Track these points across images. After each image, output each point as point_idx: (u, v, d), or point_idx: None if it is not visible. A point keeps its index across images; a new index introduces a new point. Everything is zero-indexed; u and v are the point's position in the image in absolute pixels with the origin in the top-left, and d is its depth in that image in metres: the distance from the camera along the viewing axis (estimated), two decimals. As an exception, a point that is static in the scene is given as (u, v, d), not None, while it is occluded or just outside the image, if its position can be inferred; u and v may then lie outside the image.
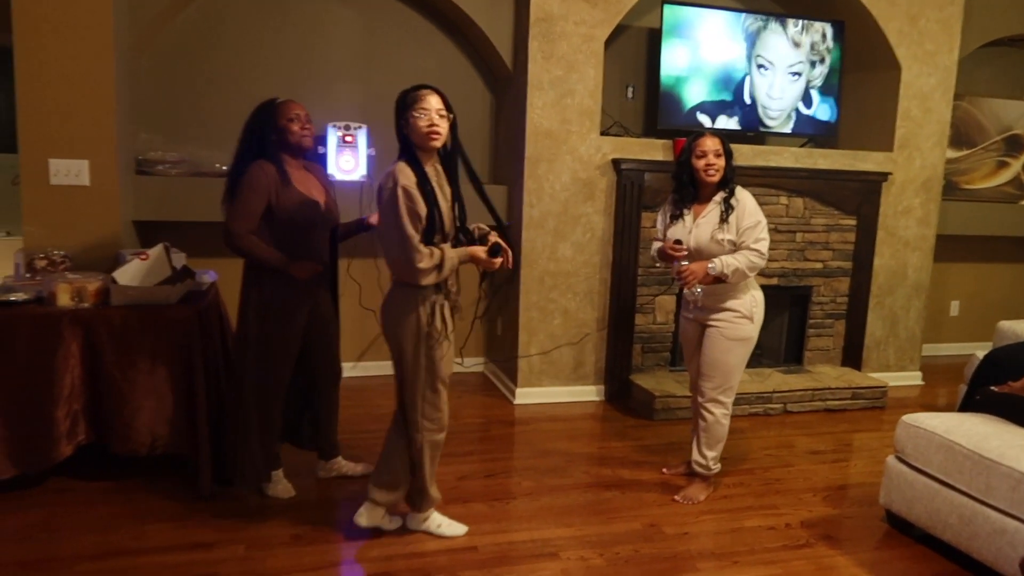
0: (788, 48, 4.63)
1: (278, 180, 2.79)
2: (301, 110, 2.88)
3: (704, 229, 3.09)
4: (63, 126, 3.39)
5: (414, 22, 4.51)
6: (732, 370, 3.13)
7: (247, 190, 2.76)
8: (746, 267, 3.01)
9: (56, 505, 2.91)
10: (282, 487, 3.07)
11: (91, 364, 2.95)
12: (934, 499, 2.79)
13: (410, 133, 2.56)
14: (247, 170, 2.78)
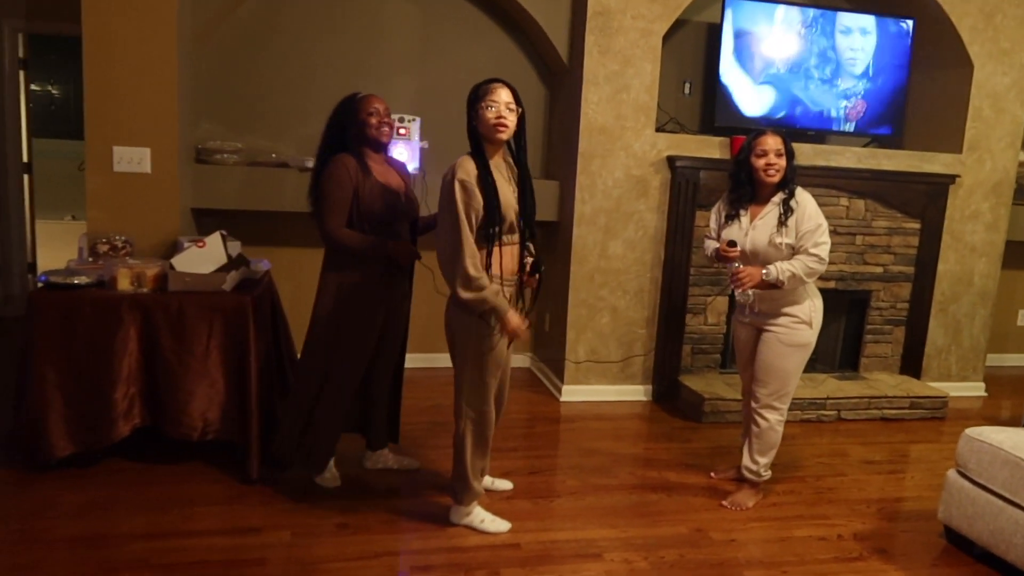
0: (852, 44, 4.48)
1: (360, 172, 2.81)
2: (380, 104, 2.89)
3: (761, 231, 2.99)
4: (127, 115, 3.47)
5: (471, 15, 4.50)
6: (789, 376, 3.05)
7: (332, 186, 2.79)
8: (804, 273, 2.91)
9: (111, 485, 2.99)
10: (330, 475, 3.09)
11: (148, 348, 3.02)
12: (997, 517, 2.67)
13: (479, 125, 2.56)
14: (328, 165, 2.81)
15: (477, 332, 2.60)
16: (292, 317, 3.93)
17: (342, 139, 2.87)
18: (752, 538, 2.89)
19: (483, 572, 2.55)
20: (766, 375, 3.06)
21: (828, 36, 4.45)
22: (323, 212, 2.81)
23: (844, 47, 4.48)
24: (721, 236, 3.10)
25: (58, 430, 2.96)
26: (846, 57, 4.48)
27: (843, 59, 4.48)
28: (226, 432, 3.08)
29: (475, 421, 2.70)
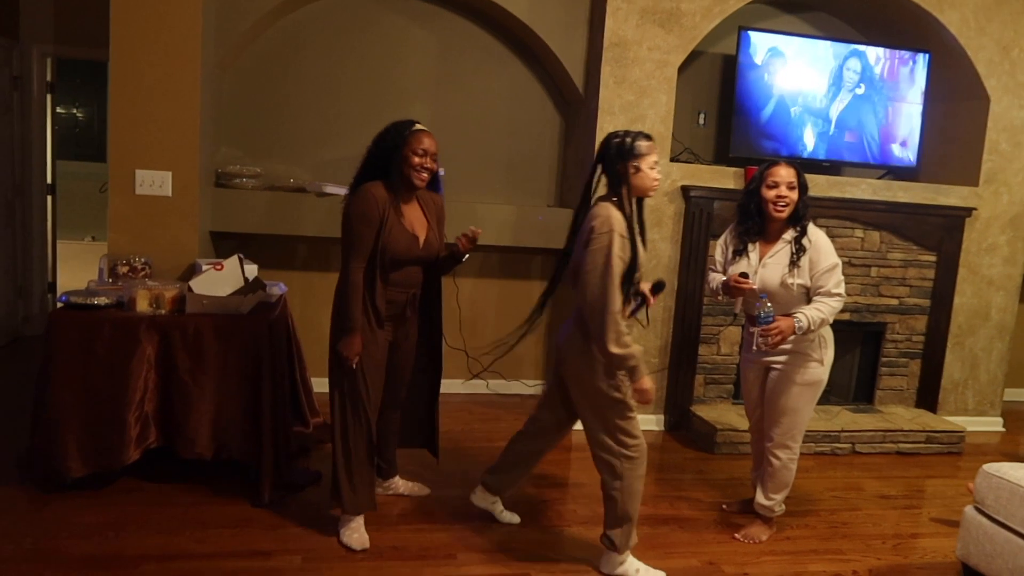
0: (866, 76, 4.51)
1: (388, 210, 2.70)
2: (430, 143, 2.73)
3: (773, 271, 2.92)
4: (150, 139, 3.54)
5: (488, 44, 4.56)
6: (801, 414, 2.99)
7: (360, 223, 2.67)
8: (830, 316, 2.87)
9: (125, 505, 3.00)
10: (358, 536, 2.82)
11: (164, 369, 3.04)
12: (1018, 556, 2.63)
13: (635, 179, 2.62)
14: (359, 196, 2.69)
15: (608, 382, 2.59)
16: (306, 341, 3.96)
17: (386, 167, 2.73)
18: (765, 572, 2.86)
19: (493, 601, 2.53)
20: (779, 414, 3.00)
21: (842, 68, 4.47)
22: (347, 247, 2.70)
23: (859, 79, 4.50)
24: (728, 271, 3.02)
25: (73, 452, 2.98)
26: (860, 89, 4.50)
27: (858, 92, 4.50)
28: (239, 453, 3.09)
29: (629, 459, 2.64)
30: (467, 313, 4.56)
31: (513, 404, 4.68)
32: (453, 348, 4.74)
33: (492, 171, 4.64)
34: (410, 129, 2.73)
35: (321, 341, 4.23)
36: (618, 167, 2.60)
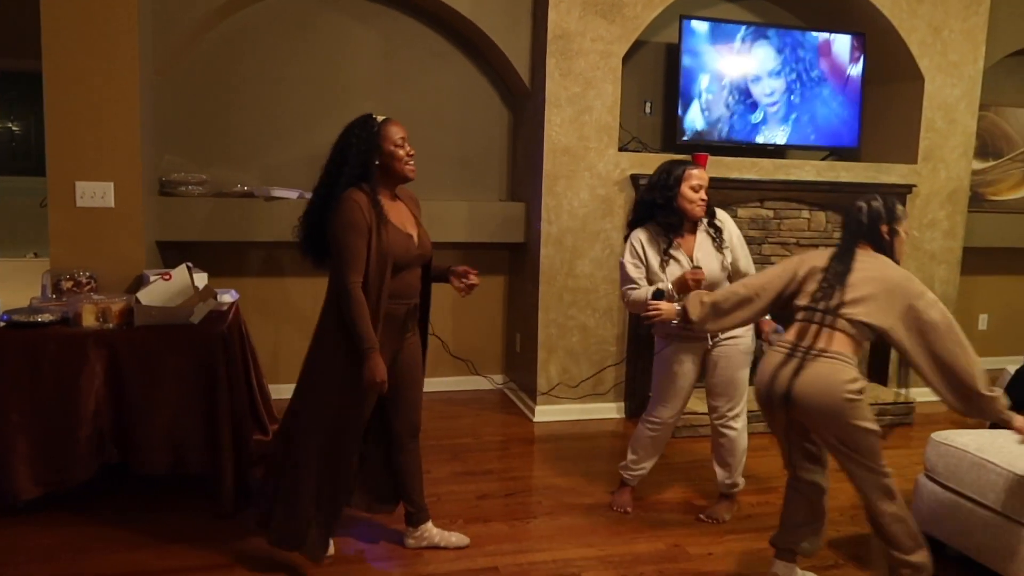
0: (805, 60, 4.60)
1: (375, 215, 2.46)
2: (404, 132, 2.55)
3: (709, 262, 2.99)
4: (89, 149, 3.44)
5: (432, 41, 4.55)
6: (745, 383, 3.11)
7: (350, 234, 2.42)
8: None
9: (80, 525, 2.93)
10: (456, 538, 2.81)
11: (115, 384, 2.97)
12: (967, 518, 2.73)
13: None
14: (341, 205, 2.44)
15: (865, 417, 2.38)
16: (261, 348, 3.91)
17: (363, 171, 2.49)
18: (729, 551, 2.91)
19: (462, 597, 2.54)
20: (730, 388, 3.08)
21: (782, 53, 4.56)
22: (341, 263, 2.45)
23: (799, 63, 4.59)
24: (667, 283, 2.94)
25: (23, 472, 2.89)
26: (800, 73, 4.59)
27: (798, 75, 4.59)
28: (197, 465, 3.04)
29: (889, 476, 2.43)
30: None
31: (472, 400, 4.68)
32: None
33: (443, 168, 4.63)
34: (378, 121, 2.53)
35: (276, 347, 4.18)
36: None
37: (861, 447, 2.35)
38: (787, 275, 2.53)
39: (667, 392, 3.10)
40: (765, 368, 2.46)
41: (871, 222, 2.50)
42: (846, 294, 2.39)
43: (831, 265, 2.45)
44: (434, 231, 4.39)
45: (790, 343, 2.43)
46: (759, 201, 4.48)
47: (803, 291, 2.49)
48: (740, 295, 2.57)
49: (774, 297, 2.54)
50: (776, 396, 2.39)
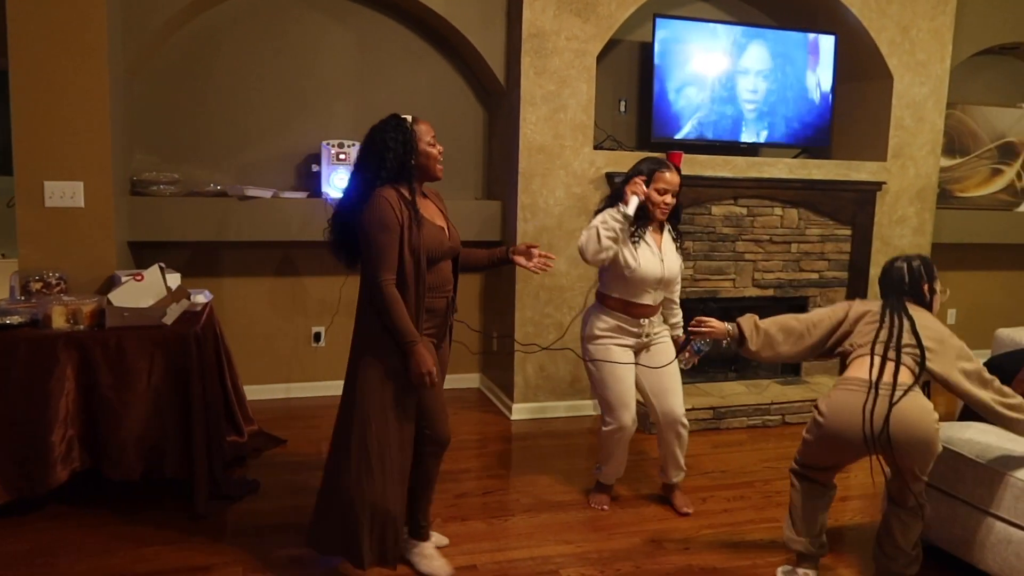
0: (777, 59, 4.65)
1: (409, 214, 2.45)
2: (433, 131, 2.58)
3: (672, 260, 3.08)
4: (58, 148, 3.39)
5: (407, 40, 4.53)
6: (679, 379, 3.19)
7: (382, 232, 2.40)
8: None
9: (53, 531, 2.89)
10: (439, 564, 2.67)
11: (86, 387, 2.93)
12: (938, 510, 2.77)
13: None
14: (374, 204, 2.42)
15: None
16: (236, 348, 3.87)
17: (400, 170, 2.47)
18: (706, 544, 2.94)
19: (440, 596, 2.54)
20: (675, 383, 3.14)
21: (755, 52, 4.60)
22: (373, 260, 2.41)
23: (771, 62, 4.64)
24: (637, 261, 2.97)
25: (-8, 477, 2.84)
26: (772, 71, 4.64)
27: (770, 74, 4.64)
28: (171, 470, 3.01)
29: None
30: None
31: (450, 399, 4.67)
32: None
33: (418, 167, 4.61)
34: (409, 121, 2.52)
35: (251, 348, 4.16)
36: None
37: (931, 467, 2.48)
38: (838, 316, 2.65)
39: (621, 395, 3.06)
40: (846, 407, 2.44)
41: (913, 282, 2.63)
42: (913, 336, 2.51)
43: (888, 312, 2.56)
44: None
45: (865, 380, 2.45)
46: (733, 199, 4.53)
47: (858, 331, 2.60)
48: (794, 329, 2.68)
49: (823, 335, 2.66)
50: (870, 433, 2.39)
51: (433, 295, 2.54)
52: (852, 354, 2.58)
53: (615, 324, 3.06)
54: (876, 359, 2.47)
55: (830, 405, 2.48)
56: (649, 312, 3.08)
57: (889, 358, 2.46)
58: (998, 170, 5.79)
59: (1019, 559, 2.48)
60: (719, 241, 4.56)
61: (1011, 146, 5.80)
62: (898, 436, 2.38)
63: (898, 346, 2.47)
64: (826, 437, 2.50)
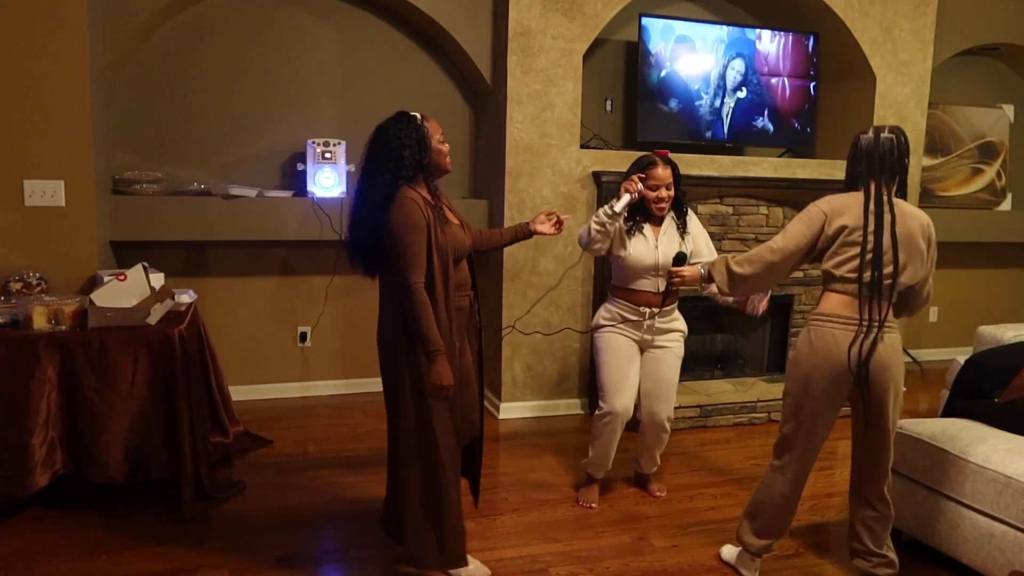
0: (762, 59, 4.68)
1: (433, 214, 2.43)
2: (441, 127, 2.57)
3: (669, 245, 3.08)
4: (38, 146, 3.34)
5: (393, 38, 4.51)
6: (676, 385, 3.24)
7: (412, 234, 2.36)
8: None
9: (35, 533, 2.85)
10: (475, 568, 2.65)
11: (68, 389, 2.89)
12: (921, 505, 2.80)
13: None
14: (399, 204, 2.37)
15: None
16: (220, 348, 3.84)
17: (416, 167, 2.45)
18: (694, 543, 2.95)
19: (429, 596, 2.53)
20: (668, 390, 3.19)
21: (740, 51, 4.62)
22: (403, 263, 2.36)
23: (755, 61, 4.66)
24: (628, 248, 3.06)
25: (-29, 482, 2.80)
26: (757, 71, 4.67)
27: (755, 73, 4.66)
28: (156, 471, 2.97)
29: None
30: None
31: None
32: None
33: (404, 166, 4.60)
34: (418, 118, 2.48)
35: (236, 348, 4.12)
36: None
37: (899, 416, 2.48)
38: (813, 233, 2.44)
39: (616, 382, 3.12)
40: (834, 345, 2.40)
41: (900, 155, 2.42)
42: (895, 261, 2.38)
43: (869, 225, 2.37)
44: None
45: (852, 318, 2.39)
46: (718, 198, 4.54)
47: (839, 255, 2.42)
48: (766, 260, 2.49)
49: (802, 257, 2.48)
50: (853, 372, 2.38)
51: (459, 294, 2.53)
52: (834, 283, 2.45)
53: (618, 313, 3.14)
54: (859, 294, 2.38)
55: (815, 341, 2.45)
56: (651, 301, 3.09)
57: (871, 295, 2.37)
58: (978, 169, 5.86)
59: (1002, 552, 2.51)
60: (705, 240, 4.58)
61: (991, 146, 5.86)
62: (876, 375, 2.39)
63: (879, 277, 2.36)
64: (809, 379, 2.45)
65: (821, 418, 2.51)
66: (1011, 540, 2.49)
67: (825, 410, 2.50)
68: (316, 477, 3.42)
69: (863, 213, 2.40)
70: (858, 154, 2.47)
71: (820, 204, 2.48)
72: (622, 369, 3.12)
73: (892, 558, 2.57)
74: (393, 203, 2.38)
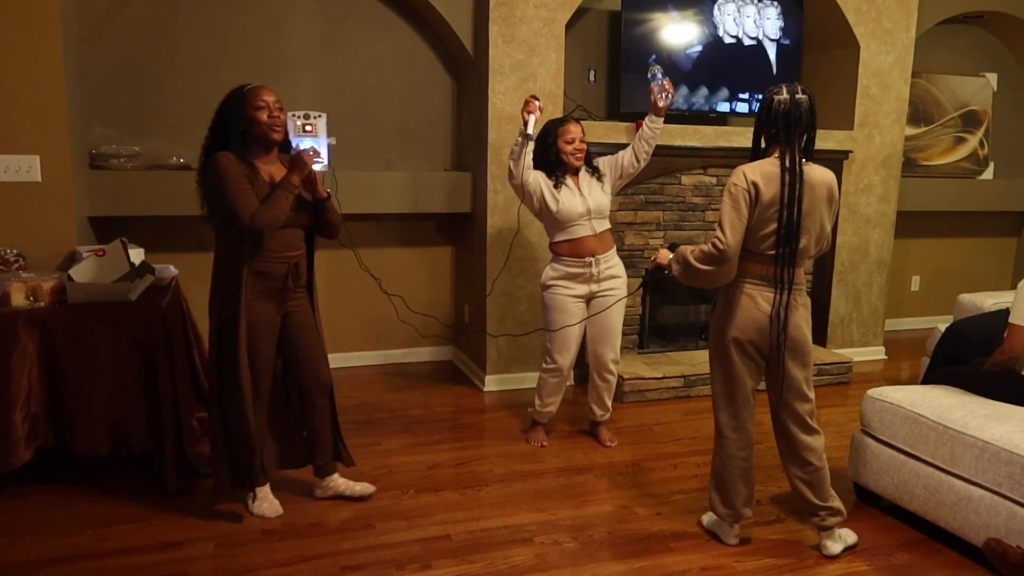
0: (745, 28, 4.64)
1: (247, 172, 2.61)
2: (270, 96, 2.66)
3: (596, 194, 3.39)
4: (12, 121, 3.29)
5: (373, 10, 4.44)
6: (620, 331, 3.53)
7: (228, 179, 2.55)
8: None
9: (18, 511, 2.84)
10: (268, 505, 2.85)
11: (49, 365, 2.88)
12: (900, 470, 2.84)
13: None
14: (213, 163, 2.59)
15: None
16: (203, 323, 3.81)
17: (225, 136, 2.64)
18: (676, 510, 2.98)
19: (415, 566, 2.55)
20: (614, 336, 3.49)
21: (723, 20, 4.59)
22: (234, 208, 2.55)
23: (739, 30, 4.63)
24: (560, 201, 3.33)
25: (-47, 459, 2.79)
26: (740, 40, 4.64)
27: (738, 41, 4.64)
28: (139, 445, 2.98)
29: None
30: (368, 282, 4.47)
31: (423, 371, 4.68)
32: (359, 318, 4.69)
33: (386, 139, 4.56)
34: (245, 89, 2.67)
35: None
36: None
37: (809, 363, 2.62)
38: (746, 218, 2.45)
39: (562, 338, 3.43)
40: (756, 309, 2.51)
41: (813, 117, 2.45)
42: (803, 230, 2.48)
43: (784, 199, 2.42)
44: (377, 202, 4.36)
45: (766, 279, 2.51)
46: (702, 168, 4.54)
47: (758, 230, 2.47)
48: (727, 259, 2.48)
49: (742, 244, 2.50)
50: (773, 338, 2.52)
51: (274, 257, 2.69)
52: (751, 255, 2.51)
53: (564, 272, 3.40)
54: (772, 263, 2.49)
55: (742, 309, 2.53)
56: (595, 248, 3.38)
57: (784, 263, 2.47)
58: (961, 138, 5.87)
59: (978, 516, 2.55)
60: (689, 211, 4.58)
61: (974, 115, 5.87)
62: (795, 336, 2.55)
63: (792, 249, 2.45)
64: (744, 343, 2.55)
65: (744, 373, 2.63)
66: (988, 504, 2.54)
67: (746, 366, 2.61)
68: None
69: (780, 185, 2.44)
70: (773, 117, 2.46)
71: (740, 184, 2.46)
72: (569, 330, 3.41)
73: (837, 507, 2.66)
74: (209, 164, 2.62)
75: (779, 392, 2.60)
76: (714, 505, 2.73)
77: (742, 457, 2.67)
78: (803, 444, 2.62)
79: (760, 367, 2.63)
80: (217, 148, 2.64)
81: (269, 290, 2.72)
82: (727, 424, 2.68)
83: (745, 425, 2.67)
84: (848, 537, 2.71)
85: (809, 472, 2.62)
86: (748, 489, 2.69)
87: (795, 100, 2.43)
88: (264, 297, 2.71)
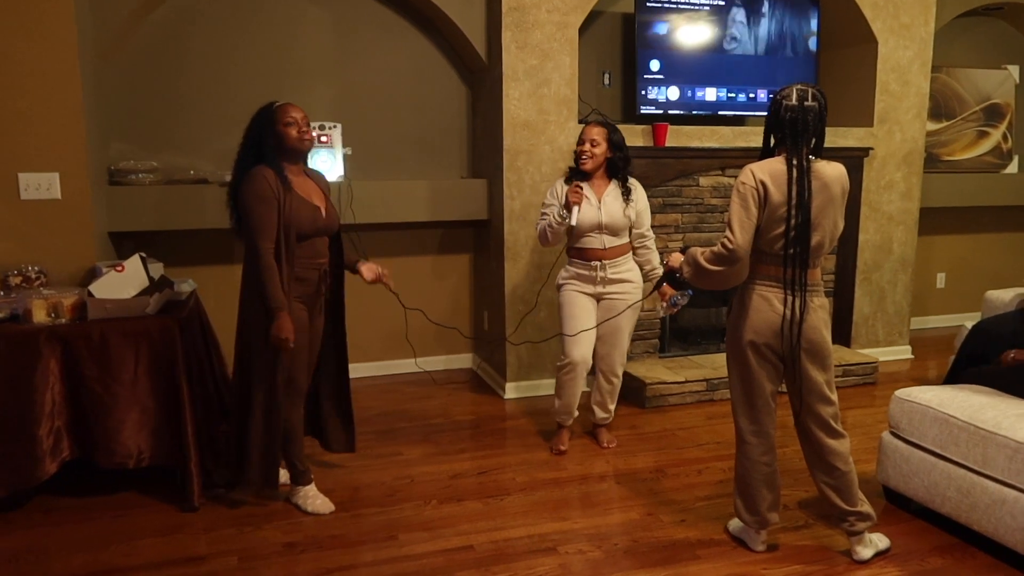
0: (762, 27, 4.60)
1: (280, 186, 2.74)
2: (299, 113, 2.84)
3: (613, 207, 3.35)
4: (32, 139, 3.32)
5: (386, 19, 4.45)
6: (629, 334, 3.52)
7: (256, 202, 2.71)
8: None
9: (43, 525, 2.86)
10: (321, 502, 2.98)
11: (71, 379, 2.89)
12: (931, 472, 2.78)
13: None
14: (248, 179, 2.73)
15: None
16: (222, 335, 3.83)
17: (259, 151, 2.79)
18: (702, 516, 2.94)
19: (438, 577, 2.53)
20: (622, 339, 3.47)
21: (738, 20, 4.55)
22: (252, 230, 2.72)
23: (754, 29, 4.58)
24: (575, 214, 3.32)
25: (-20, 475, 2.81)
26: (756, 39, 4.59)
27: (756, 43, 4.59)
28: (162, 458, 2.98)
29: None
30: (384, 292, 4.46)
31: (444, 380, 4.66)
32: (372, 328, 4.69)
33: (402, 147, 4.56)
34: (275, 105, 2.85)
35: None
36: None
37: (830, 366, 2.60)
38: (755, 216, 2.43)
39: (572, 332, 3.41)
40: (771, 311, 2.48)
41: (823, 120, 2.44)
42: (814, 231, 2.44)
43: (793, 199, 2.39)
44: (394, 211, 4.36)
45: (780, 280, 2.47)
46: (720, 169, 4.50)
47: (769, 231, 2.44)
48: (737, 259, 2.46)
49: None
50: (788, 341, 2.49)
51: (305, 265, 2.84)
52: (763, 256, 2.49)
53: (575, 272, 3.45)
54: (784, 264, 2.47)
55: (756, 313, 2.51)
56: (601, 255, 3.38)
57: (796, 265, 2.44)
58: (984, 132, 5.78)
59: (1014, 519, 2.49)
60: (708, 212, 4.54)
61: (997, 108, 5.78)
62: (811, 337, 2.51)
63: (805, 249, 2.42)
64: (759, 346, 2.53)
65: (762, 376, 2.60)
66: (1023, 506, 2.47)
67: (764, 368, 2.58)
68: (324, 458, 3.41)
69: (787, 186, 2.41)
70: (780, 122, 2.45)
71: (748, 183, 2.44)
72: (579, 322, 3.40)
73: (867, 511, 2.60)
74: (244, 179, 2.74)
75: (800, 396, 2.55)
76: (739, 511, 2.69)
77: (764, 462, 2.62)
78: (829, 449, 2.57)
79: (778, 370, 2.58)
80: (250, 164, 2.78)
81: (303, 295, 2.86)
82: (747, 429, 2.64)
83: (766, 429, 2.62)
84: (880, 542, 2.65)
85: (836, 477, 2.57)
86: (773, 494, 2.64)
87: (804, 107, 2.41)
88: (300, 300, 2.84)
